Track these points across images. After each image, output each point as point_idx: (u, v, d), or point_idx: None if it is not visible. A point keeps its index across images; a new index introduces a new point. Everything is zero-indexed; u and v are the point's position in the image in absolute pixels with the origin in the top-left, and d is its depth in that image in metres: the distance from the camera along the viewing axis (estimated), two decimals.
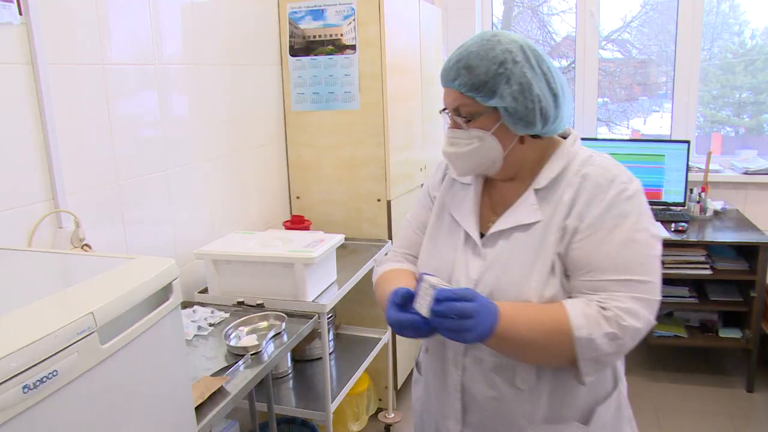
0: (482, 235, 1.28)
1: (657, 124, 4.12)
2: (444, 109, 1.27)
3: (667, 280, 3.07)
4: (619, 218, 1.16)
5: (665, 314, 3.43)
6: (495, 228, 1.26)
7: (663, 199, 3.50)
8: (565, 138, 1.31)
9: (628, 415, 1.34)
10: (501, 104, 1.18)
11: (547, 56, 1.22)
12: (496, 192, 1.33)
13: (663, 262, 3.10)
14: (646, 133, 4.13)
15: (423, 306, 1.13)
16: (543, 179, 1.24)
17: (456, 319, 1.09)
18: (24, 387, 0.80)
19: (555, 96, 1.20)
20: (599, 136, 3.99)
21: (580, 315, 1.12)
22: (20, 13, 1.54)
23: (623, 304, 1.13)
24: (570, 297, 1.19)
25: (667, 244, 3.08)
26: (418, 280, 1.17)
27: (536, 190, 1.24)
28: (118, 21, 1.89)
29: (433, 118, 3.33)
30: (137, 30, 1.98)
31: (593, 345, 1.12)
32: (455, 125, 1.25)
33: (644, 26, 4.05)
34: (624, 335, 1.12)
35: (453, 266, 1.29)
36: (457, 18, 3.92)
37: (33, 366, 0.82)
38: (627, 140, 3.83)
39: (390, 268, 1.43)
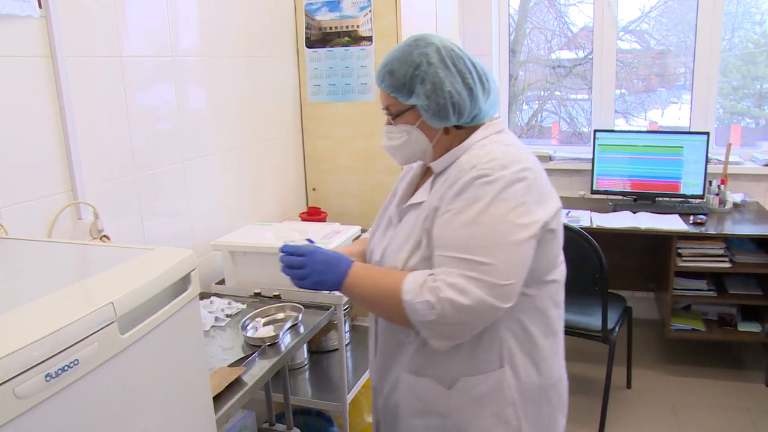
0: None
1: (675, 115, 4.07)
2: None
3: (685, 273, 3.09)
4: (468, 201, 1.26)
5: (683, 307, 3.40)
6: (404, 205, 1.45)
7: (681, 192, 3.47)
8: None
9: (510, 398, 1.38)
10: (417, 102, 1.35)
11: (467, 56, 1.37)
12: (427, 175, 1.48)
13: (680, 255, 3.04)
14: (664, 125, 4.08)
15: None
16: (439, 165, 1.40)
17: (291, 269, 1.37)
18: (46, 375, 0.81)
19: (470, 90, 1.34)
20: (616, 128, 3.96)
21: (411, 282, 1.27)
22: (40, 6, 1.55)
23: (450, 278, 1.23)
24: None
25: (686, 237, 3.06)
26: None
27: (435, 174, 1.41)
28: (134, 13, 1.90)
29: None
30: (154, 22, 1.99)
31: (414, 309, 1.25)
32: (389, 121, 1.43)
33: (663, 16, 4.00)
34: (442, 306, 1.22)
35: (377, 239, 1.51)
36: (473, 9, 3.90)
37: (55, 355, 0.82)
38: (645, 132, 3.79)
39: (362, 239, 1.69)
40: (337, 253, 1.40)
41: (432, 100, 1.33)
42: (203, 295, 2.07)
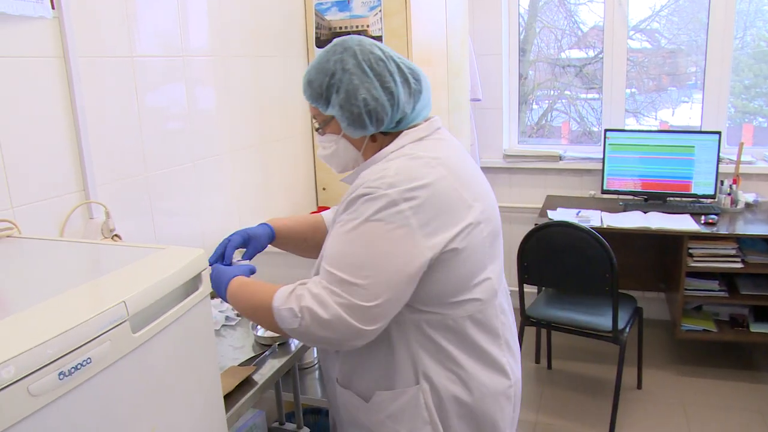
0: None
1: (686, 115, 4.04)
2: None
3: (697, 274, 3.07)
4: (349, 217, 1.23)
5: (694, 308, 3.38)
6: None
7: (692, 191, 3.45)
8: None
9: (427, 418, 1.32)
10: (333, 112, 1.32)
11: (391, 56, 1.33)
12: None
13: (691, 255, 3.03)
14: (675, 124, 4.06)
15: None
16: (349, 177, 1.39)
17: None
18: (60, 373, 0.82)
19: (391, 94, 1.29)
20: (627, 127, 3.94)
21: (282, 290, 1.26)
22: (53, 7, 1.56)
23: (315, 289, 1.21)
24: None
25: (697, 237, 3.04)
26: None
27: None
28: (145, 13, 1.90)
29: (459, 108, 3.31)
30: (164, 22, 2.00)
31: (281, 316, 1.23)
32: (316, 129, 1.41)
33: (674, 15, 3.98)
34: (303, 315, 1.20)
35: None
36: (483, 8, 3.89)
37: (68, 353, 0.83)
38: (656, 131, 3.77)
39: (318, 214, 1.70)
40: (226, 268, 1.44)
41: (345, 110, 1.30)
42: (214, 294, 2.08)
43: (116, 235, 1.75)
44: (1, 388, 0.73)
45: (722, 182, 3.39)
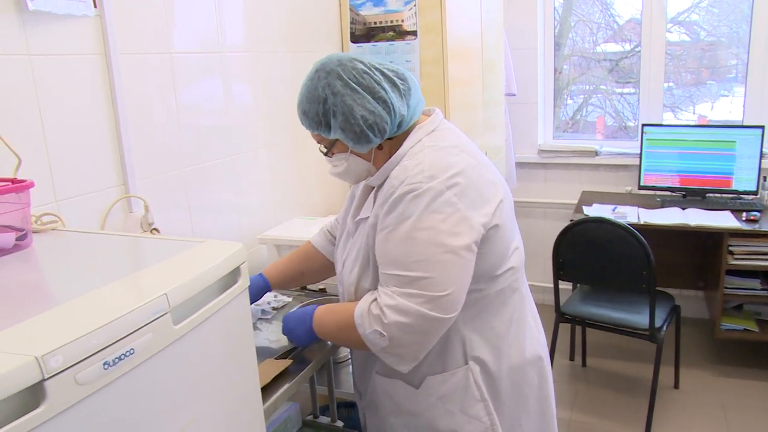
0: None
1: (726, 109, 3.95)
2: None
3: (738, 272, 3.01)
4: (400, 217, 1.26)
5: (734, 307, 3.30)
6: (356, 218, 1.46)
7: (733, 188, 3.38)
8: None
9: (477, 395, 1.39)
10: (336, 135, 1.35)
11: (371, 66, 1.35)
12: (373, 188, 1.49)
13: (732, 252, 2.99)
14: (714, 118, 3.97)
15: None
16: (375, 180, 1.41)
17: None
18: (104, 363, 0.83)
19: (384, 102, 1.32)
20: (665, 122, 3.87)
21: (359, 314, 1.30)
22: (95, 6, 1.59)
23: (390, 300, 1.25)
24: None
25: (738, 234, 2.97)
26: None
27: (376, 189, 1.40)
28: (183, 10, 1.93)
29: (494, 103, 3.29)
30: (202, 19, 2.02)
31: (369, 340, 1.29)
32: (324, 154, 1.45)
33: (714, 6, 3.89)
34: (389, 331, 1.25)
35: (340, 250, 1.53)
36: (518, 2, 3.85)
37: (112, 344, 0.85)
38: (696, 126, 3.69)
39: (307, 242, 1.77)
40: (305, 308, 1.50)
41: (348, 131, 1.33)
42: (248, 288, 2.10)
43: (155, 229, 1.78)
44: (50, 376, 0.75)
45: (765, 178, 3.30)
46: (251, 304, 1.61)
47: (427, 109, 1.47)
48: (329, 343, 1.74)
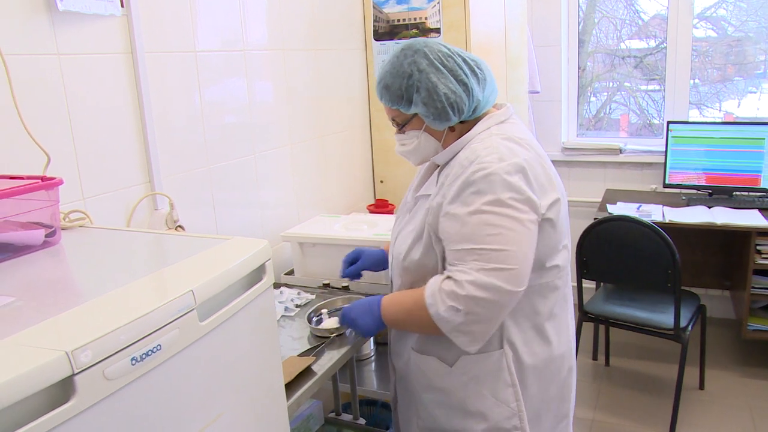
0: None
1: (753, 106, 3.88)
2: None
3: (765, 272, 2.95)
4: (473, 194, 1.32)
5: (761, 307, 3.25)
6: (416, 194, 1.53)
7: (762, 186, 3.31)
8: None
9: (508, 380, 1.43)
10: (417, 110, 1.41)
11: (456, 51, 1.42)
12: (435, 167, 1.55)
13: (759, 252, 2.93)
14: (740, 115, 3.90)
15: None
16: (440, 159, 1.47)
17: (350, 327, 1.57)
18: (132, 359, 0.84)
19: (465, 85, 1.39)
20: (690, 119, 3.81)
21: (429, 294, 1.33)
22: (122, 5, 1.61)
23: (467, 276, 1.29)
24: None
25: (766, 234, 2.92)
26: None
27: (440, 168, 1.47)
28: (207, 9, 1.94)
29: (518, 100, 3.27)
30: (226, 18, 2.03)
31: (442, 318, 1.31)
32: (397, 130, 1.50)
33: (742, 1, 3.82)
34: (465, 306, 1.28)
35: (397, 222, 1.60)
36: None
37: (140, 340, 0.86)
38: (723, 123, 3.64)
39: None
40: (368, 298, 1.53)
41: (430, 106, 1.39)
42: (273, 286, 2.11)
43: (180, 226, 1.80)
44: (80, 371, 0.76)
45: None
46: (363, 269, 1.79)
47: (499, 103, 1.53)
48: (351, 338, 1.75)
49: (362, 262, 1.78)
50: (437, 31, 2.63)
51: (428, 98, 1.38)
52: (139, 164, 1.74)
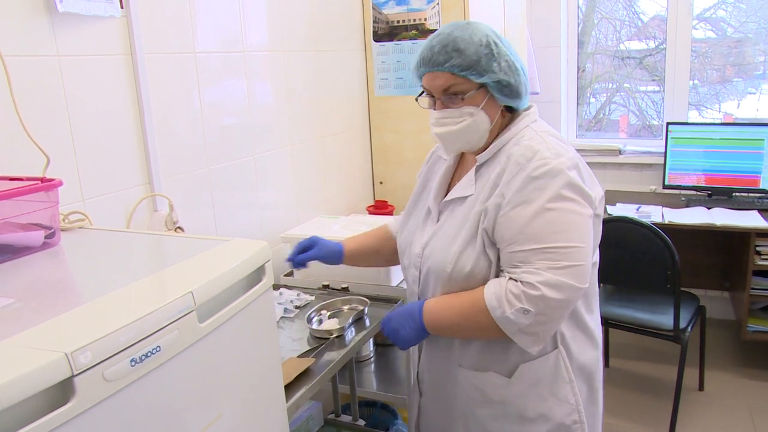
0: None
1: (752, 107, 3.88)
2: (422, 93, 1.41)
3: (765, 273, 2.95)
4: (534, 192, 1.27)
5: (760, 308, 3.25)
6: (445, 199, 1.46)
7: (761, 187, 3.31)
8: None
9: (566, 377, 1.42)
10: (493, 79, 1.32)
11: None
12: (462, 166, 1.50)
13: (759, 253, 2.93)
14: (740, 116, 3.90)
15: None
16: (483, 156, 1.40)
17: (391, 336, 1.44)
18: (131, 360, 0.84)
19: (524, 73, 1.38)
20: (690, 120, 3.81)
21: (493, 297, 1.28)
22: (121, 6, 1.61)
23: (539, 277, 1.24)
24: (501, 270, 1.33)
25: (765, 235, 2.92)
26: None
27: (477, 166, 1.41)
28: (207, 10, 1.94)
29: None
30: (225, 19, 2.03)
31: (510, 321, 1.26)
32: (444, 105, 1.37)
33: (741, 2, 3.82)
34: (536, 307, 1.24)
35: (414, 233, 1.51)
36: (541, 0, 3.83)
37: (139, 341, 0.85)
38: (722, 124, 3.64)
39: (383, 225, 1.77)
40: (408, 305, 1.44)
41: (511, 77, 1.34)
42: (272, 287, 2.11)
43: (179, 227, 1.80)
44: (79, 372, 0.76)
45: None
46: (313, 258, 1.68)
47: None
48: (350, 339, 1.74)
49: (315, 251, 1.69)
50: None
51: (509, 68, 1.34)
52: (138, 165, 1.74)
